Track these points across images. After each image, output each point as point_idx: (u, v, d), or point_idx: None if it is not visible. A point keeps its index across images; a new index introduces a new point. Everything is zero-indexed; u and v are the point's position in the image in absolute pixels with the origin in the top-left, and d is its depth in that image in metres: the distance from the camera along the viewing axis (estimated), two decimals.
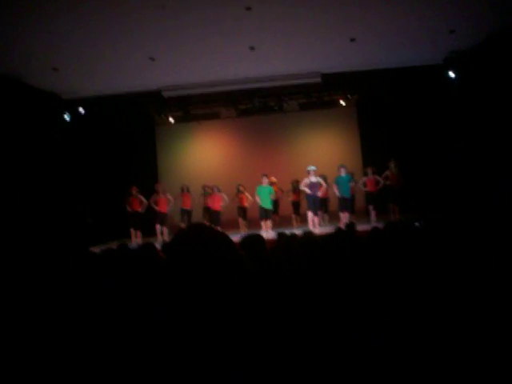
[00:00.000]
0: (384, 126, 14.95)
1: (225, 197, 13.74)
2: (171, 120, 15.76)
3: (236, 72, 11.99)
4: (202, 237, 1.54)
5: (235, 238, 3.24)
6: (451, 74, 12.07)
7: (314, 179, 12.57)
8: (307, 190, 12.57)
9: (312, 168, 12.64)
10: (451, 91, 12.21)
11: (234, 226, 13.84)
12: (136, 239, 13.43)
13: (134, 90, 12.53)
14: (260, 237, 3.28)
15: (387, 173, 13.33)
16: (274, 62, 11.48)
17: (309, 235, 2.40)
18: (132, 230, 13.64)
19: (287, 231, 5.58)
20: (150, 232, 13.64)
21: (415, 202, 12.69)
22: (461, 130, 11.97)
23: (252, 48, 10.22)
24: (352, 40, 10.17)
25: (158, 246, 5.05)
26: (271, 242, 6.63)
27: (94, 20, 8.13)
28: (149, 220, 13.61)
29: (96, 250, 6.03)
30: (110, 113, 14.47)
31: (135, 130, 15.63)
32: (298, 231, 8.35)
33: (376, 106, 15.14)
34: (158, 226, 13.58)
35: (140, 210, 13.70)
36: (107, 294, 2.72)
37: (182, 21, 8.56)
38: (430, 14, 9.14)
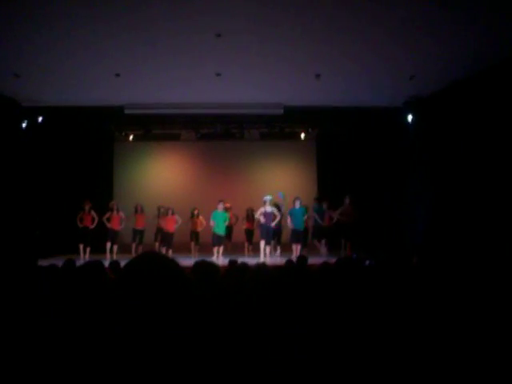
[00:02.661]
0: (341, 162, 15.24)
1: (178, 219, 13.65)
2: (131, 138, 15.64)
3: (200, 96, 12.04)
4: (153, 265, 1.57)
5: (186, 262, 3.22)
6: (409, 118, 12.43)
7: (269, 209, 12.63)
8: (261, 219, 12.62)
9: (268, 198, 12.71)
10: (408, 134, 12.57)
11: (186, 249, 13.73)
12: (84, 255, 13.16)
13: (96, 104, 12.40)
14: (213, 264, 3.27)
15: (342, 209, 13.53)
16: (238, 90, 11.60)
17: (262, 266, 2.42)
18: (81, 246, 13.36)
19: (239, 259, 5.58)
20: (99, 249, 13.37)
21: (366, 239, 12.92)
22: (414, 172, 12.31)
23: (218, 74, 10.30)
24: (317, 76, 10.37)
25: (106, 263, 4.96)
26: (222, 268, 6.60)
27: (61, 30, 8.04)
28: (99, 236, 13.37)
29: (43, 263, 5.89)
30: (70, 124, 14.23)
31: (94, 144, 15.42)
32: (249, 260, 8.36)
33: (335, 141, 15.45)
34: (108, 244, 13.34)
35: (91, 225, 13.46)
36: (47, 309, 2.67)
37: (152, 41, 8.58)
38: (392, 58, 9.45)
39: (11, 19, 7.54)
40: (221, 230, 12.89)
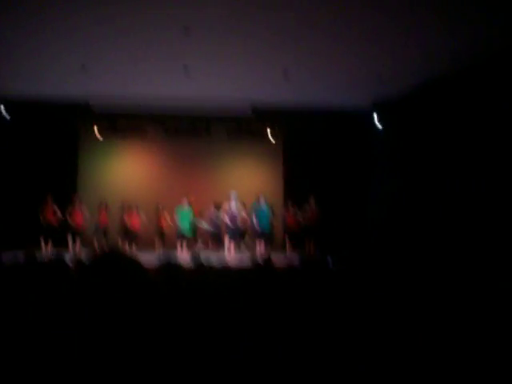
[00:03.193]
0: (308, 163, 15.32)
1: (143, 218, 13.61)
2: (96, 133, 15.40)
3: (167, 92, 11.95)
4: (116, 263, 1.58)
5: (150, 257, 3.18)
6: (376, 121, 12.59)
7: (234, 207, 12.70)
8: (227, 222, 12.69)
9: (234, 193, 12.83)
10: (375, 136, 12.74)
11: (150, 244, 13.62)
12: (46, 249, 12.95)
13: (61, 99, 12.20)
14: (178, 265, 3.25)
15: (307, 212, 13.62)
16: (206, 86, 11.53)
17: (226, 269, 2.42)
18: (42, 239, 13.14)
19: (203, 255, 5.57)
20: (61, 243, 13.17)
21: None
22: (378, 172, 12.48)
23: (186, 68, 10.18)
24: (285, 73, 10.26)
25: (68, 257, 4.87)
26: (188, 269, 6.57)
27: (28, 24, 7.89)
28: (61, 230, 13.18)
29: (5, 255, 5.77)
30: (34, 119, 13.97)
31: (58, 139, 15.13)
32: (213, 256, 8.31)
33: (302, 143, 15.51)
34: (69, 238, 13.17)
35: (53, 219, 13.24)
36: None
37: (119, 32, 8.47)
38: (360, 58, 9.53)
39: None
40: (185, 227, 12.88)
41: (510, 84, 8.59)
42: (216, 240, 14.02)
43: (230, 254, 12.38)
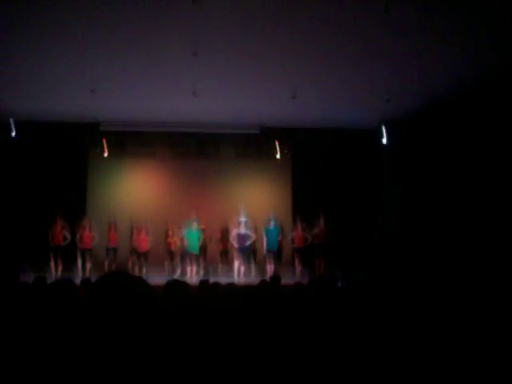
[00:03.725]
0: (317, 182, 15.31)
1: (149, 237, 13.54)
2: (106, 154, 15.51)
3: (176, 114, 12.05)
4: (121, 284, 1.59)
5: (160, 280, 3.18)
6: (384, 140, 12.59)
7: (243, 231, 12.61)
8: (235, 245, 12.61)
9: (243, 219, 12.68)
10: (382, 155, 12.74)
11: (161, 268, 13.55)
12: (56, 273, 12.92)
13: (70, 120, 12.33)
14: (184, 283, 3.25)
15: (316, 230, 13.56)
16: (214, 108, 11.62)
17: (232, 286, 2.41)
18: (52, 263, 13.12)
19: (212, 279, 5.55)
20: (71, 266, 13.16)
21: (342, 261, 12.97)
22: (388, 193, 12.45)
23: (194, 93, 10.30)
24: (293, 97, 10.42)
25: (78, 281, 4.88)
26: (193, 288, 6.55)
27: (38, 47, 8.00)
28: (71, 254, 13.17)
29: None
30: (44, 139, 14.09)
31: (68, 160, 15.21)
32: (223, 280, 8.30)
33: (311, 162, 15.53)
34: (79, 262, 13.15)
35: (63, 243, 13.25)
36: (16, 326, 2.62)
37: (129, 58, 8.58)
38: (368, 80, 9.59)
39: None
40: (194, 249, 12.78)
41: None
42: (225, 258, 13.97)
43: (239, 275, 12.30)
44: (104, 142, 14.91)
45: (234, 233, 12.68)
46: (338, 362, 2.16)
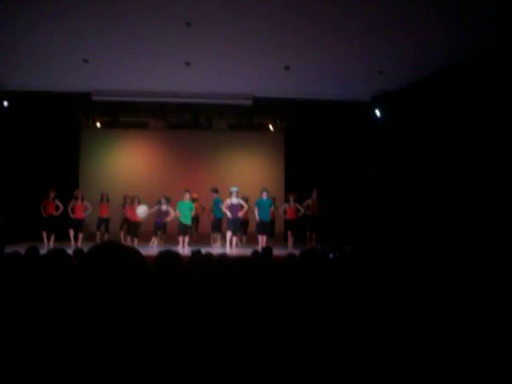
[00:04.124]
0: (309, 155, 15.32)
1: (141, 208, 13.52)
2: (98, 125, 15.42)
3: (169, 85, 11.95)
4: (113, 253, 1.59)
5: (152, 251, 3.19)
6: (377, 112, 12.55)
7: (235, 201, 12.61)
8: (228, 214, 12.59)
9: (234, 189, 12.67)
10: (376, 128, 12.72)
11: (150, 239, 13.59)
12: (48, 243, 12.95)
13: (63, 90, 12.20)
14: (176, 254, 3.25)
15: (309, 201, 13.60)
16: (207, 80, 11.54)
17: (223, 257, 2.42)
18: (45, 234, 13.14)
19: (204, 250, 5.57)
20: (63, 237, 13.19)
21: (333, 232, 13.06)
22: (380, 165, 12.46)
23: (187, 64, 10.23)
24: (286, 68, 10.42)
25: (70, 251, 4.87)
26: (186, 258, 6.58)
27: (29, 14, 7.88)
28: (64, 224, 13.19)
29: (7, 249, 5.77)
30: (36, 110, 13.97)
31: (60, 130, 15.14)
32: (215, 250, 8.33)
33: (304, 134, 15.52)
34: (71, 232, 13.18)
35: (55, 214, 13.26)
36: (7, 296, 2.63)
37: (121, 27, 8.48)
38: (361, 52, 9.53)
39: None
40: (186, 220, 12.80)
41: (509, 78, 8.60)
42: (217, 229, 14.00)
43: (232, 248, 12.36)
44: (96, 114, 14.85)
45: (226, 203, 12.69)
46: (332, 335, 2.18)
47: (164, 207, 13.13)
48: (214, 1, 7.43)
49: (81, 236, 13.27)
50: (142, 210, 12.58)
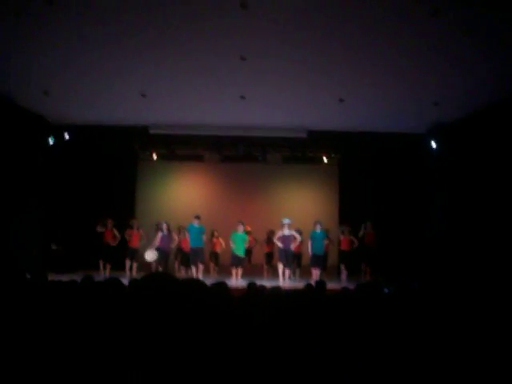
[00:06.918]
0: (364, 188, 15.16)
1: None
2: (154, 157, 15.80)
3: (224, 118, 12.15)
4: (162, 284, 1.63)
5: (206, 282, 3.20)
6: (433, 144, 12.34)
7: (287, 232, 12.57)
8: (279, 244, 12.56)
9: (286, 221, 12.64)
10: (432, 160, 12.49)
11: (205, 269, 13.66)
12: (104, 272, 13.21)
13: (121, 123, 12.58)
14: (225, 285, 3.25)
15: (362, 232, 13.42)
16: (262, 113, 11.67)
17: (277, 290, 2.40)
18: (101, 262, 13.44)
19: (258, 282, 5.55)
20: (119, 266, 13.44)
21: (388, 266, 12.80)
22: (438, 199, 12.19)
23: (242, 97, 10.39)
24: (341, 101, 10.42)
25: (125, 281, 4.96)
26: (240, 290, 6.59)
27: (91, 51, 8.20)
28: (120, 254, 13.46)
29: (65, 278, 5.92)
30: (95, 142, 14.48)
31: (118, 162, 15.58)
32: (268, 283, 8.29)
33: (358, 167, 15.41)
34: (127, 262, 13.40)
35: (112, 243, 13.56)
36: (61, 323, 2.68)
37: (178, 62, 8.70)
38: (417, 84, 9.45)
39: (41, 37, 7.71)
40: (240, 251, 12.82)
41: None
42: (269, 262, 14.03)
43: (284, 280, 12.26)
44: (153, 147, 15.21)
45: (278, 234, 12.67)
46: (387, 369, 2.13)
47: (166, 232, 13.03)
48: (268, 35, 7.54)
49: (135, 265, 13.46)
50: (150, 256, 12.56)
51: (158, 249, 13.43)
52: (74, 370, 1.72)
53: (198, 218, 12.82)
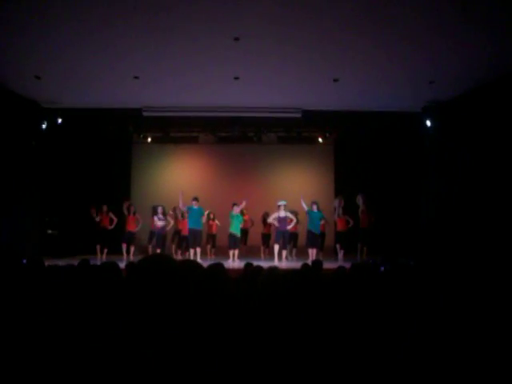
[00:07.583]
0: (359, 167, 15.18)
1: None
2: (149, 140, 15.76)
3: (218, 99, 12.07)
4: (161, 266, 1.62)
5: (203, 264, 3.21)
6: (428, 123, 12.32)
7: (283, 214, 12.63)
8: (276, 224, 12.62)
9: (282, 203, 12.70)
10: (426, 138, 12.48)
11: (202, 252, 13.70)
12: (101, 256, 13.26)
13: (115, 106, 12.50)
14: (222, 266, 3.27)
15: (361, 206, 13.44)
16: (256, 94, 11.60)
17: (274, 270, 2.41)
18: (98, 247, 13.47)
19: (255, 263, 5.58)
20: (116, 250, 13.48)
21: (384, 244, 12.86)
22: (433, 177, 12.19)
23: (236, 78, 10.33)
24: (335, 80, 10.38)
25: (122, 264, 4.97)
26: (237, 271, 6.63)
27: (82, 34, 8.12)
28: (117, 238, 13.48)
29: (61, 262, 5.93)
30: (89, 126, 14.41)
31: (112, 146, 15.54)
32: (265, 263, 8.33)
33: (353, 146, 15.41)
34: (124, 245, 13.44)
35: (109, 227, 13.58)
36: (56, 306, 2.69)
37: (171, 44, 8.63)
38: (412, 63, 9.40)
39: (32, 21, 7.63)
40: (236, 229, 12.85)
41: None
42: (266, 243, 14.12)
43: (281, 261, 12.32)
44: (147, 129, 15.17)
45: (274, 215, 12.72)
46: (384, 347, 2.14)
47: (161, 216, 13.33)
48: (262, 16, 7.47)
49: (132, 249, 13.51)
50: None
51: (153, 232, 13.50)
52: (71, 354, 1.73)
53: (196, 199, 12.85)
